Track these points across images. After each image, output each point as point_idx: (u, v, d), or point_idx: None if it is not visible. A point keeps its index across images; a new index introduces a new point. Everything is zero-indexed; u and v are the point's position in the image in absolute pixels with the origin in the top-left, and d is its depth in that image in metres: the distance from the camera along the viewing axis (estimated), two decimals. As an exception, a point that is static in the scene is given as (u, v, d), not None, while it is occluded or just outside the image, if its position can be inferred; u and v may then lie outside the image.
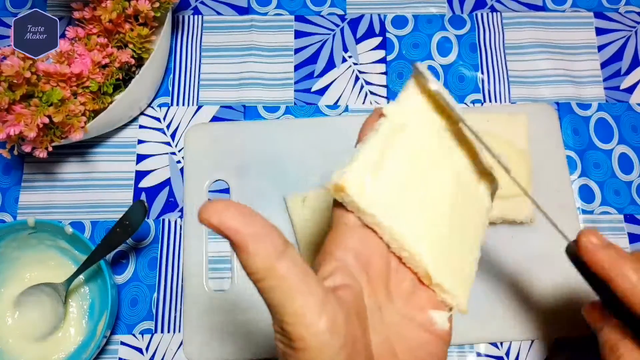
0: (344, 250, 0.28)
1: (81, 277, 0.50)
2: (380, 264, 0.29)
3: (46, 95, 0.47)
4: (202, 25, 0.61)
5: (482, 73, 0.60)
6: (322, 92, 0.59)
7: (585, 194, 0.56)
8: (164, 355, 0.51)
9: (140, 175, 0.56)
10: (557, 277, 0.52)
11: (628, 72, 0.60)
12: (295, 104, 0.58)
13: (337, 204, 0.30)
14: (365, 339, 0.26)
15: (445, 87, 0.34)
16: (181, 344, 0.51)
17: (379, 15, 0.62)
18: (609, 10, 0.62)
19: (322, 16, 0.62)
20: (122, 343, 0.51)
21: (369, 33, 0.61)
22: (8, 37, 0.61)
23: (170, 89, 0.59)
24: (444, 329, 0.30)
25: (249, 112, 0.58)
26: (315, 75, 0.59)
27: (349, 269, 0.27)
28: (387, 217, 0.29)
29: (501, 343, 0.51)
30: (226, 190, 0.55)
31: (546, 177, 0.55)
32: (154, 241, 0.54)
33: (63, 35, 0.52)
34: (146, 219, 0.50)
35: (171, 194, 0.55)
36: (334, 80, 0.59)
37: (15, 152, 0.49)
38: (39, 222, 0.48)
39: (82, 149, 0.56)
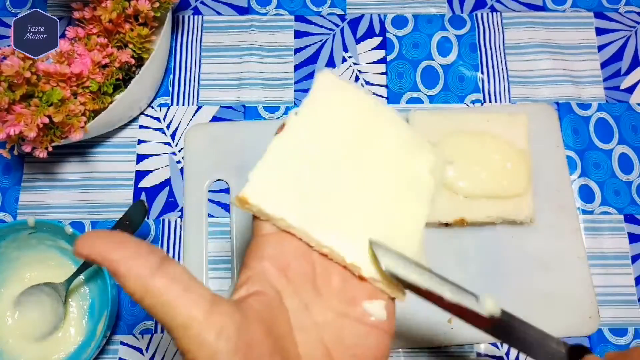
0: (259, 259, 0.29)
1: (81, 277, 0.50)
2: (302, 264, 0.30)
3: (46, 95, 0.47)
4: (202, 25, 0.61)
5: (482, 73, 0.60)
6: (322, 92, 0.59)
7: (585, 194, 0.56)
8: (163, 355, 0.51)
9: (140, 175, 0.56)
10: (556, 277, 0.52)
11: (628, 72, 0.60)
12: (295, 104, 0.58)
13: (255, 216, 0.30)
14: (278, 342, 0.26)
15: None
16: (181, 344, 0.51)
17: (379, 15, 0.62)
18: (609, 10, 0.62)
19: (322, 16, 0.62)
20: (122, 343, 0.51)
21: (369, 33, 0.61)
22: (8, 37, 0.61)
23: (170, 89, 0.59)
24: (382, 318, 0.30)
25: (249, 112, 0.58)
26: (315, 75, 0.59)
27: (264, 276, 0.28)
28: (298, 218, 0.30)
29: (501, 343, 0.51)
30: (226, 190, 0.55)
31: (546, 177, 0.55)
32: (154, 241, 0.54)
33: (63, 35, 0.52)
34: (146, 219, 0.50)
35: (171, 194, 0.55)
36: (334, 80, 0.59)
37: (15, 152, 0.50)
38: (39, 222, 0.48)
39: (82, 149, 0.56)
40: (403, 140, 0.35)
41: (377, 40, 0.61)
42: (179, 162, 0.56)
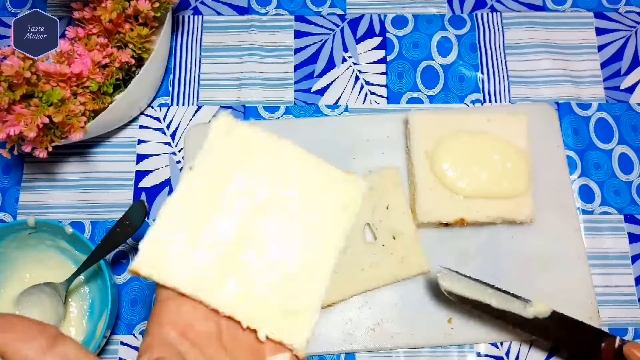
0: (159, 325, 0.29)
1: (81, 277, 0.50)
2: (205, 324, 0.30)
3: (46, 95, 0.46)
4: (202, 25, 0.61)
5: (482, 73, 0.60)
6: (322, 92, 0.59)
7: (585, 194, 0.56)
8: (164, 355, 0.51)
9: (140, 175, 0.56)
10: (556, 277, 0.52)
11: (628, 72, 0.60)
12: (295, 104, 0.58)
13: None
14: None
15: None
16: (181, 344, 0.51)
17: (379, 15, 0.62)
18: (609, 10, 0.62)
19: (322, 16, 0.62)
20: (122, 343, 0.51)
21: (369, 33, 0.61)
22: (8, 37, 0.61)
23: (170, 89, 0.59)
24: None
25: (249, 112, 0.58)
26: (315, 75, 0.59)
27: (165, 341, 0.28)
28: (192, 285, 0.29)
29: (501, 343, 0.51)
30: (226, 190, 0.55)
31: (546, 177, 0.55)
32: (154, 241, 0.54)
33: (63, 35, 0.52)
34: (146, 219, 0.50)
35: (171, 194, 0.55)
36: (334, 80, 0.59)
37: (15, 152, 0.49)
38: (39, 222, 0.48)
39: (82, 149, 0.56)
40: (312, 177, 0.33)
41: (377, 40, 0.61)
42: (179, 162, 0.56)
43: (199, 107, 0.58)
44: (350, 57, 0.60)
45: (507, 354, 0.51)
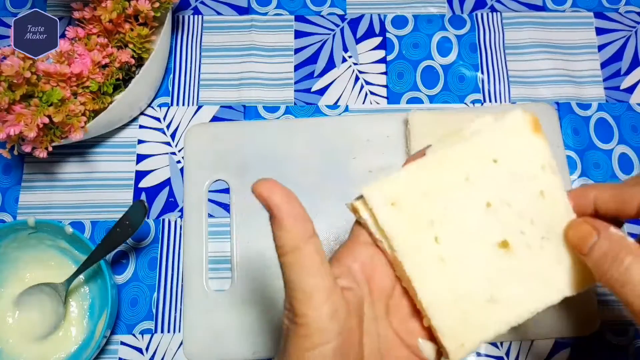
0: (352, 259, 0.31)
1: (81, 277, 0.50)
2: (384, 281, 0.31)
3: (46, 95, 0.47)
4: (202, 25, 0.61)
5: (482, 73, 0.60)
6: (322, 92, 0.59)
7: (585, 194, 0.56)
8: (164, 355, 0.51)
9: (140, 175, 0.56)
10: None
11: (628, 72, 0.60)
12: (295, 104, 0.58)
13: (357, 222, 0.32)
14: (360, 338, 0.29)
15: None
16: (181, 344, 0.51)
17: (379, 15, 0.62)
18: (609, 10, 0.62)
19: (322, 16, 0.62)
20: (122, 343, 0.51)
21: (369, 33, 0.61)
22: (8, 37, 0.61)
23: (170, 89, 0.59)
24: (430, 359, 0.32)
25: (249, 112, 0.58)
26: (315, 75, 0.59)
27: (354, 276, 0.30)
28: (396, 246, 0.30)
29: (501, 343, 0.51)
30: (226, 190, 0.55)
31: (546, 177, 0.55)
32: (154, 241, 0.54)
33: (63, 35, 0.52)
34: (146, 219, 0.50)
35: (171, 194, 0.55)
36: (334, 80, 0.59)
37: (15, 152, 0.49)
38: (39, 222, 0.48)
39: (82, 149, 0.56)
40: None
41: (377, 40, 0.61)
42: (179, 162, 0.56)
43: (199, 107, 0.58)
44: (350, 57, 0.60)
45: (507, 354, 0.51)
